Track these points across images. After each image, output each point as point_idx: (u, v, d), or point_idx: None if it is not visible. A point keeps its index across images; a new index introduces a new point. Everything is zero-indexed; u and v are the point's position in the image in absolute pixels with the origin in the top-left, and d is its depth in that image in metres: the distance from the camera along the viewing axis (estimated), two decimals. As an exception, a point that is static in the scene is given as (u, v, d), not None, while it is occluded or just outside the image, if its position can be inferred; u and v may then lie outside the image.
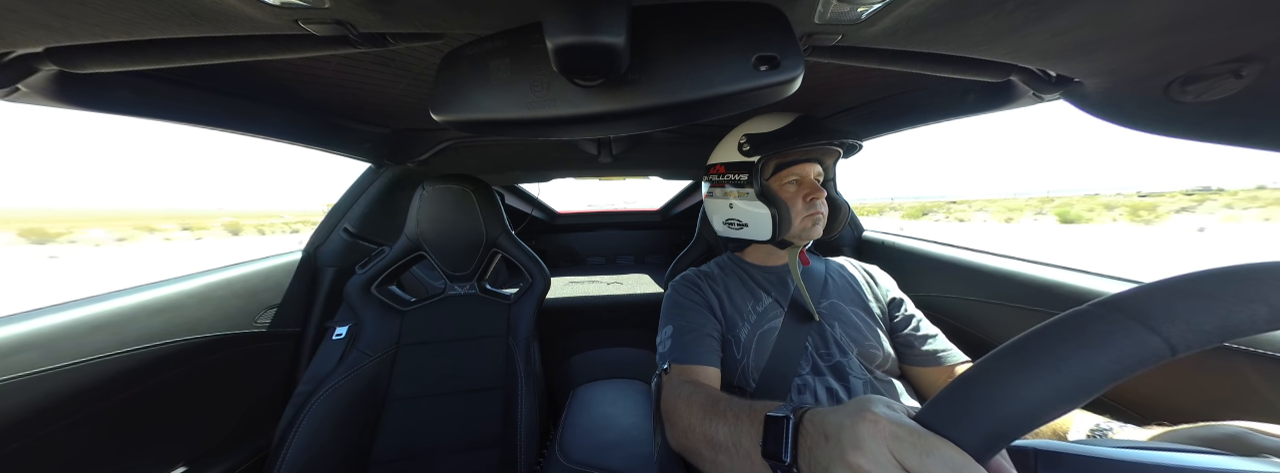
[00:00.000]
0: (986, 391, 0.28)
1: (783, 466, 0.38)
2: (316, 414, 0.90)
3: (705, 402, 0.55)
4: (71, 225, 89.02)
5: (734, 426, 0.47)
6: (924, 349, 0.78)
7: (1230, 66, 0.41)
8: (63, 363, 0.68)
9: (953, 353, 0.77)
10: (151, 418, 0.83)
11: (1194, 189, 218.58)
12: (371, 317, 1.08)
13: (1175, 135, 0.51)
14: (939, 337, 0.80)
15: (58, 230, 67.53)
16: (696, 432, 0.52)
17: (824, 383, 0.73)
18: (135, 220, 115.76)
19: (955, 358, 0.77)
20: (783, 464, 0.38)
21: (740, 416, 0.48)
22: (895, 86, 0.89)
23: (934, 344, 0.79)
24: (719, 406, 0.52)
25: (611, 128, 0.47)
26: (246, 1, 0.37)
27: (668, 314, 0.83)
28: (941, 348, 0.78)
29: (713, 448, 0.49)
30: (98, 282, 14.73)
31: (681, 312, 0.81)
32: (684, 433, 0.55)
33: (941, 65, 0.58)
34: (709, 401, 0.55)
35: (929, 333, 0.80)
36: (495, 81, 0.43)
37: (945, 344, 0.79)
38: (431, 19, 0.45)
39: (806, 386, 0.73)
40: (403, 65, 0.70)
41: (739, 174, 0.83)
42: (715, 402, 0.54)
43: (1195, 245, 24.43)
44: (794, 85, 0.41)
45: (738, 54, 0.40)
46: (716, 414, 0.51)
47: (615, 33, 0.34)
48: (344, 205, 1.27)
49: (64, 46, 0.46)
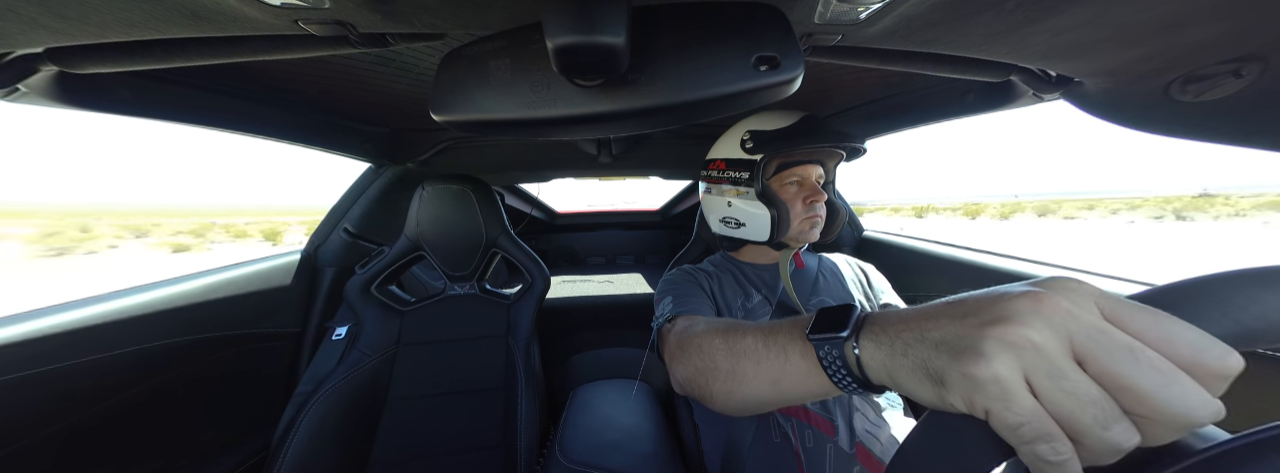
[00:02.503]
0: (1236, 287, 0.24)
1: (837, 341, 0.33)
2: (316, 414, 0.90)
3: (728, 323, 0.51)
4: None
5: (769, 329, 0.43)
6: None
7: (1230, 66, 0.41)
8: (63, 363, 0.68)
9: (893, 396, 0.77)
10: (151, 418, 0.83)
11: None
12: (371, 317, 1.08)
13: (1175, 135, 0.51)
14: None
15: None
16: (716, 345, 0.48)
17: None
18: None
19: (896, 402, 0.76)
20: (837, 340, 0.33)
21: (778, 323, 0.44)
22: (895, 86, 0.89)
23: None
24: (744, 324, 0.48)
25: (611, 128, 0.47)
26: (246, 1, 0.37)
27: (665, 290, 0.81)
28: None
29: (735, 356, 0.44)
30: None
31: (678, 286, 0.81)
32: (698, 350, 0.50)
33: (941, 65, 0.58)
34: (731, 322, 0.51)
35: None
36: (495, 81, 0.43)
37: None
38: (431, 19, 0.45)
39: None
40: (403, 65, 0.70)
41: (740, 172, 0.82)
42: (738, 323, 0.50)
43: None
44: (794, 85, 0.41)
45: (738, 54, 0.40)
46: (742, 328, 0.47)
47: (615, 33, 0.34)
48: (344, 205, 1.27)
49: (64, 47, 0.46)
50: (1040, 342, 0.22)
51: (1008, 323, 0.23)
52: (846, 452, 0.67)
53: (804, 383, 0.37)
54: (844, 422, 0.69)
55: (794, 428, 0.70)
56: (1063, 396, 0.21)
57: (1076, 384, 0.21)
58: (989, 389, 0.22)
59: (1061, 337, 0.22)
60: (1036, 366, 0.22)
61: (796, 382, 0.38)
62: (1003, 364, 0.22)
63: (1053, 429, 0.21)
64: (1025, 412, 0.22)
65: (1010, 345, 0.22)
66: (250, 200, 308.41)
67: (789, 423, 0.71)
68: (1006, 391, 0.22)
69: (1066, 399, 0.21)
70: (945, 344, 0.26)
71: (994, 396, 0.22)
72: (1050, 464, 0.22)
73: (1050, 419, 0.22)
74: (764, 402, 0.43)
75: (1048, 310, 0.23)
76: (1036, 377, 0.22)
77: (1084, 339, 0.22)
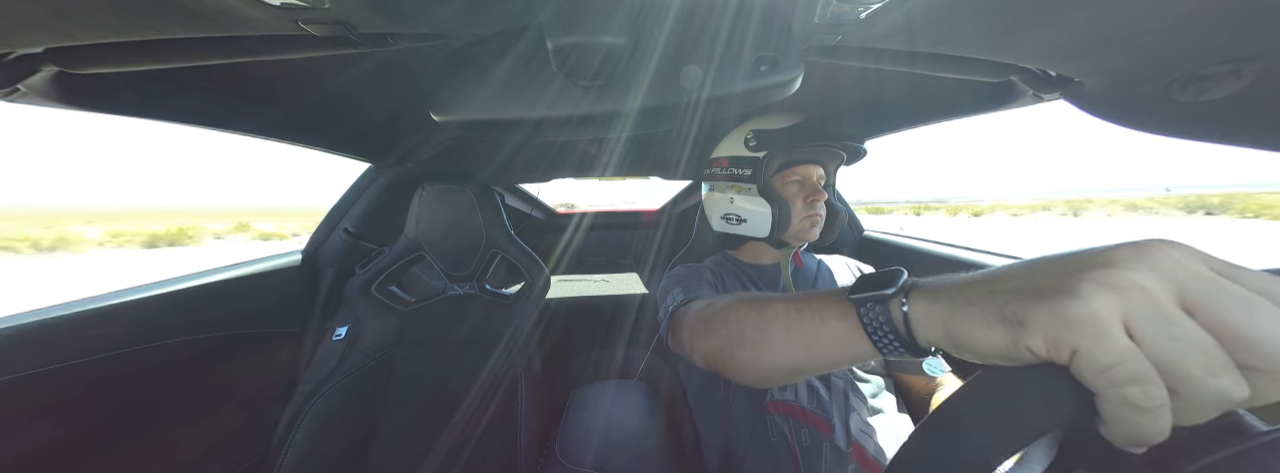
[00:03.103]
0: None
1: (882, 299, 0.31)
2: (316, 414, 0.90)
3: (755, 295, 0.49)
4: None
5: (801, 297, 0.41)
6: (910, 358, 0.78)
7: (1230, 66, 0.41)
8: (62, 363, 0.68)
9: (937, 363, 0.77)
10: (151, 418, 0.83)
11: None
12: (371, 317, 1.08)
13: (1175, 135, 0.51)
14: None
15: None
16: (743, 314, 0.46)
17: (806, 381, 0.74)
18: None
19: (938, 369, 0.77)
20: (883, 297, 0.31)
21: (809, 292, 0.42)
22: (895, 87, 0.89)
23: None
24: (772, 295, 0.46)
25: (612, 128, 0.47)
26: (246, 2, 0.37)
27: (671, 283, 0.81)
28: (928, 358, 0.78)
29: (763, 324, 0.42)
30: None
31: (686, 279, 0.81)
32: (723, 322, 0.48)
33: (941, 65, 0.58)
34: (759, 294, 0.49)
35: None
36: (495, 81, 0.43)
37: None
38: (432, 19, 0.45)
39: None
40: (403, 65, 0.70)
41: (743, 169, 0.83)
42: (766, 294, 0.48)
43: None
44: (794, 85, 0.41)
45: (738, 54, 0.40)
46: (771, 298, 0.45)
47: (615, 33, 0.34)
48: (344, 206, 1.27)
49: (64, 47, 0.46)
50: (1147, 285, 0.21)
51: (1111, 267, 0.22)
52: (843, 450, 0.67)
53: (839, 347, 0.35)
54: (840, 421, 0.69)
55: (790, 427, 0.70)
56: (1169, 341, 0.20)
57: (1186, 330, 0.20)
58: (1083, 326, 0.21)
59: (1169, 284, 0.21)
60: (1141, 309, 0.21)
61: (830, 346, 0.36)
62: (1101, 303, 0.21)
63: (1150, 371, 0.20)
64: (1122, 350, 0.20)
65: (1112, 287, 0.21)
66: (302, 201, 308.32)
67: (786, 422, 0.71)
68: (1102, 328, 0.21)
69: (1173, 345, 0.20)
70: (1026, 290, 0.24)
71: (1087, 333, 0.21)
72: (1141, 411, 0.20)
73: (1147, 362, 0.20)
74: (792, 368, 0.41)
75: (1155, 258, 0.21)
76: (1140, 321, 0.21)
77: (1195, 288, 0.20)
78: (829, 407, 0.71)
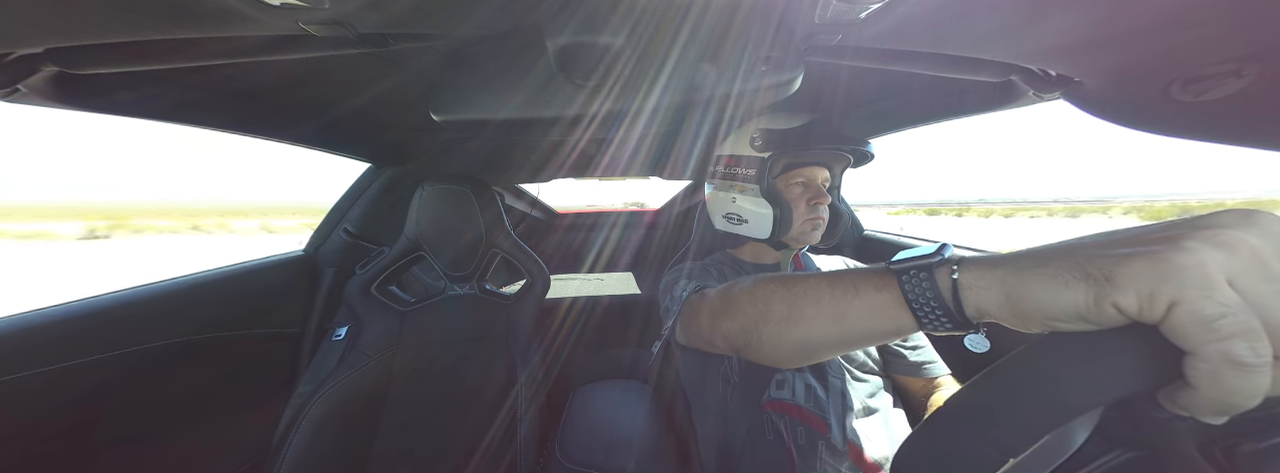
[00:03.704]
0: None
1: (926, 266, 0.30)
2: (316, 414, 0.90)
3: (781, 273, 0.47)
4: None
5: (833, 273, 0.39)
6: (909, 360, 0.78)
7: (1230, 66, 0.41)
8: (63, 363, 0.68)
9: (937, 366, 0.77)
10: (151, 418, 0.83)
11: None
12: (371, 317, 1.08)
13: (1175, 135, 0.51)
14: (926, 348, 0.80)
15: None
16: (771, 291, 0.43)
17: (803, 379, 0.74)
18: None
19: (938, 371, 0.77)
20: (927, 265, 0.30)
21: (841, 271, 0.40)
22: (895, 87, 0.89)
23: (919, 355, 0.78)
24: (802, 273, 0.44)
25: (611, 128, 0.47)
26: (247, 2, 0.37)
27: (676, 276, 0.81)
28: (927, 360, 0.78)
29: (792, 299, 0.40)
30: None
31: (693, 272, 0.81)
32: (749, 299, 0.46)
33: (941, 65, 0.58)
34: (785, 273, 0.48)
35: (916, 344, 0.80)
36: (495, 81, 0.43)
37: (931, 356, 0.78)
38: (431, 19, 0.45)
39: (786, 381, 0.74)
40: (403, 65, 0.70)
41: (747, 169, 0.82)
42: (793, 273, 0.46)
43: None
44: (794, 85, 0.41)
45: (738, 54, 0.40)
46: (800, 275, 0.42)
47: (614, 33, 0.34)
48: (344, 206, 1.27)
49: (64, 47, 0.46)
50: (1257, 245, 0.20)
51: (1217, 227, 0.21)
52: (838, 450, 0.67)
53: (875, 319, 0.33)
54: (836, 420, 0.69)
55: (787, 426, 0.70)
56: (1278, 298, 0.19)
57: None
58: (1187, 276, 0.20)
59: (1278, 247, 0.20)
60: (1249, 267, 0.20)
61: (864, 318, 0.34)
62: (1208, 255, 0.20)
63: (1257, 325, 0.19)
64: (1230, 300, 0.20)
65: (1220, 244, 0.20)
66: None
67: (782, 421, 0.71)
68: (1208, 278, 0.20)
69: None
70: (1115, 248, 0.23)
71: (1192, 282, 0.20)
72: (1245, 368, 0.19)
73: (1254, 316, 0.19)
74: (819, 342, 0.39)
75: (1264, 222, 0.21)
76: (1248, 278, 0.20)
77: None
78: (825, 406, 0.71)
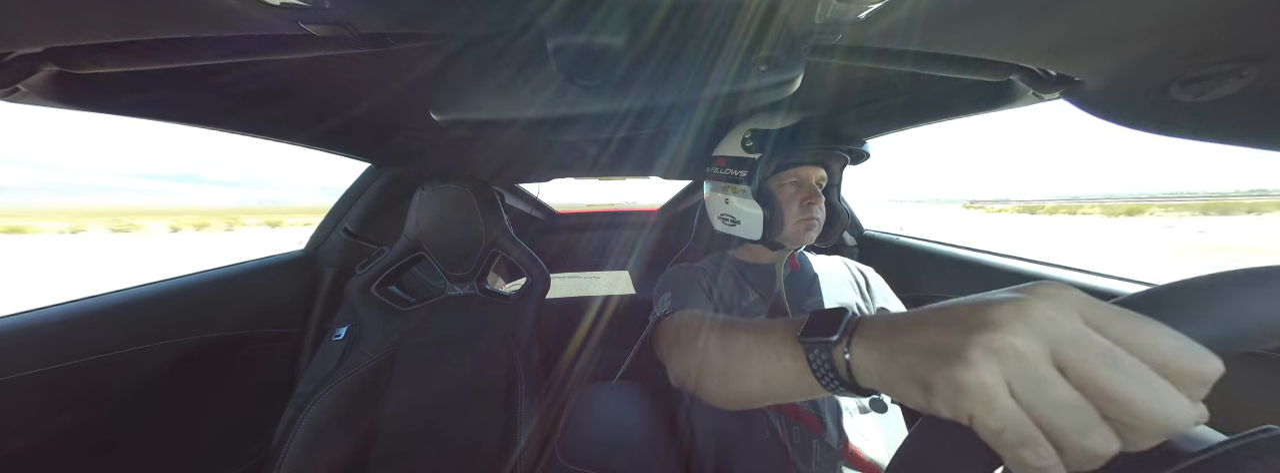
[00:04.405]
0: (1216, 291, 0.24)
1: (825, 345, 0.33)
2: (316, 414, 0.90)
3: (723, 319, 0.52)
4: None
5: (762, 329, 0.43)
6: None
7: (1230, 66, 0.41)
8: (63, 363, 0.68)
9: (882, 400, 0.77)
10: (151, 418, 0.83)
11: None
12: (371, 317, 1.08)
13: (1175, 135, 0.51)
14: None
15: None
16: (710, 342, 0.49)
17: None
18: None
19: (883, 406, 0.76)
20: (826, 343, 0.33)
21: (771, 323, 0.44)
22: (895, 86, 0.89)
23: None
24: (740, 322, 0.49)
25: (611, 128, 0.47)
26: (247, 2, 0.37)
27: (664, 287, 0.81)
28: None
29: (727, 355, 0.45)
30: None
31: (678, 283, 0.81)
32: (691, 347, 0.52)
33: (942, 65, 0.58)
34: (728, 320, 0.52)
35: None
36: (495, 81, 0.43)
37: None
38: (431, 19, 0.45)
39: None
40: (403, 65, 0.70)
41: (739, 170, 0.81)
42: (735, 321, 0.51)
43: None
44: (794, 85, 0.41)
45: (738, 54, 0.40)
46: (738, 325, 0.47)
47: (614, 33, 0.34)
48: (344, 206, 1.27)
49: (64, 46, 0.46)
50: (1022, 348, 0.22)
51: (992, 330, 0.23)
52: (834, 449, 0.67)
53: (794, 384, 0.38)
54: (832, 419, 0.70)
55: (783, 424, 0.71)
56: (1042, 402, 0.22)
57: (1056, 390, 0.22)
58: (973, 394, 0.23)
59: (1043, 343, 0.22)
60: (1018, 372, 0.22)
61: (787, 382, 0.39)
62: (986, 370, 0.23)
63: (1034, 434, 0.22)
64: (1007, 417, 0.22)
65: (994, 352, 0.23)
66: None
67: (778, 419, 0.71)
68: (989, 396, 0.22)
69: (1046, 406, 0.22)
70: (932, 351, 0.26)
71: (978, 401, 0.23)
72: (1035, 470, 0.22)
73: (1032, 425, 0.22)
74: (755, 398, 0.44)
75: (1030, 317, 0.23)
76: (1018, 383, 0.22)
77: (1064, 345, 0.22)
78: (821, 405, 0.71)
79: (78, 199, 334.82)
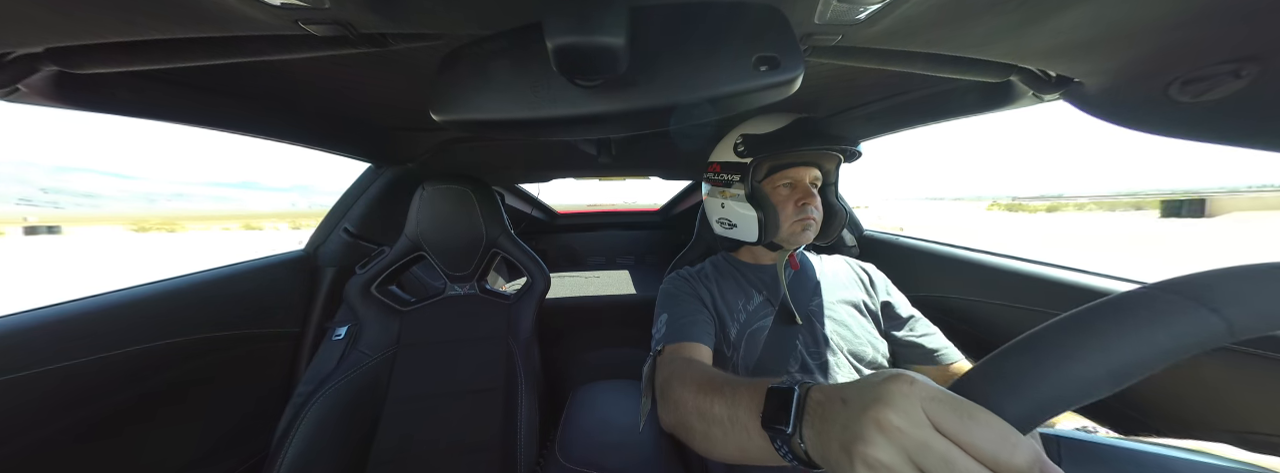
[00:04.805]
0: (1032, 365, 0.27)
1: (783, 435, 0.37)
2: (316, 414, 0.90)
3: (701, 378, 0.54)
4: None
5: (732, 400, 0.46)
6: (921, 349, 0.78)
7: (1230, 66, 0.41)
8: (63, 362, 0.68)
9: (949, 352, 0.78)
10: (151, 418, 0.83)
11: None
12: (371, 317, 1.08)
13: (1175, 135, 0.51)
14: (936, 335, 0.80)
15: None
16: (690, 406, 0.51)
17: (812, 381, 0.74)
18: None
19: (951, 357, 0.77)
20: (784, 434, 0.36)
21: (739, 391, 0.47)
22: (895, 87, 0.89)
23: (931, 342, 0.79)
24: (716, 382, 0.51)
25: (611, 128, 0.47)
26: (246, 2, 0.37)
27: (662, 304, 0.82)
28: (938, 346, 0.78)
29: (706, 422, 0.48)
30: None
31: (675, 301, 0.81)
32: (676, 407, 0.54)
33: (941, 65, 0.58)
34: (705, 377, 0.54)
35: (926, 332, 0.81)
36: (495, 81, 0.43)
37: (942, 343, 0.79)
38: (431, 19, 0.45)
39: (788, 379, 0.74)
40: (403, 65, 0.70)
41: (732, 174, 0.83)
42: (711, 378, 0.53)
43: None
44: (794, 85, 0.41)
45: (738, 54, 0.40)
46: (713, 390, 0.50)
47: (615, 33, 0.34)
48: (344, 205, 1.27)
49: (64, 46, 0.46)
50: (887, 460, 0.27)
51: (864, 444, 0.28)
52: None
53: (767, 457, 0.41)
54: None
55: None
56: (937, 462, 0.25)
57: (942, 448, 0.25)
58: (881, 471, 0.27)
59: (903, 455, 0.26)
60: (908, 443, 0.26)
61: (760, 455, 0.42)
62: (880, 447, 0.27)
63: None
64: None
65: (883, 430, 0.27)
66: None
67: None
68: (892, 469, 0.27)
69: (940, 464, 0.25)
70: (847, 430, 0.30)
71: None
72: None
73: None
74: (735, 461, 0.48)
75: (886, 430, 0.27)
76: (911, 451, 0.26)
77: (914, 455, 0.26)
78: None
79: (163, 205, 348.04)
